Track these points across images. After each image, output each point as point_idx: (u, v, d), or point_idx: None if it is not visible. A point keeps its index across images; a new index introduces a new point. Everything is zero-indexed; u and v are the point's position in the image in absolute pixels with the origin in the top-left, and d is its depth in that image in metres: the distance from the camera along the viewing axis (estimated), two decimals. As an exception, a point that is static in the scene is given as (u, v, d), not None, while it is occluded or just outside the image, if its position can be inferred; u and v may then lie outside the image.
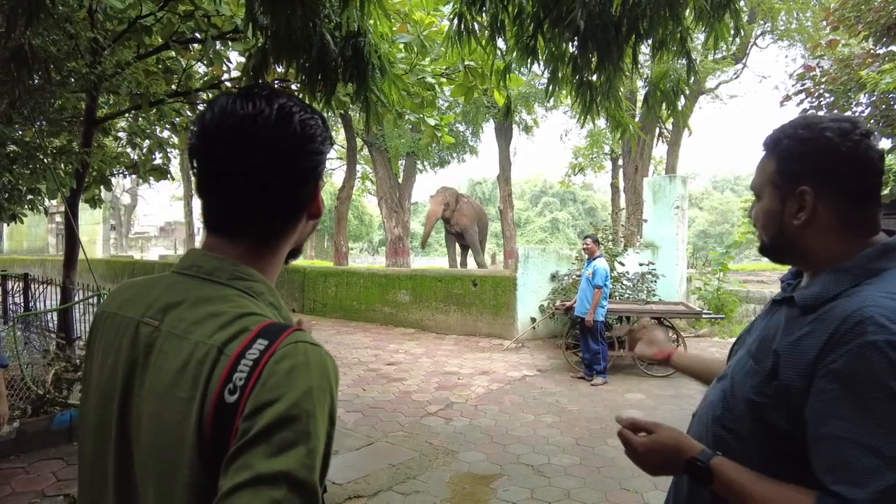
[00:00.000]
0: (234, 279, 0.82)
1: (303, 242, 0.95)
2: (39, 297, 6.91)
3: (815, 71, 7.12)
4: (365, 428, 5.10)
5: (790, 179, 1.06)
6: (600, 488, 3.91)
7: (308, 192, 0.87)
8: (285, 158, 0.82)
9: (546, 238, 46.63)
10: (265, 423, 0.65)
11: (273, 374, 0.69)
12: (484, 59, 4.39)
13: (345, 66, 3.37)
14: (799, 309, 1.03)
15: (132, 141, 6.80)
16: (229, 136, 0.80)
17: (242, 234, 0.85)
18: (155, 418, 0.73)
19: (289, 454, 0.64)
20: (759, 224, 1.14)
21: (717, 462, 1.01)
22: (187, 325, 0.77)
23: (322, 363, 0.73)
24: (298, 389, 0.68)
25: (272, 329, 0.74)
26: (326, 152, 0.88)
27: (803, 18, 17.12)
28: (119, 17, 5.09)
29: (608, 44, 3.24)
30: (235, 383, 0.69)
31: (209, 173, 0.83)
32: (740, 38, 2.95)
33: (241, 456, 0.65)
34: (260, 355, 0.70)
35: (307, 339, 0.74)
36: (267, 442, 0.64)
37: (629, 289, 9.10)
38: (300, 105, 0.85)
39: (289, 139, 0.82)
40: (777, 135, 1.10)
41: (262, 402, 0.67)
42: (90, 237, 25.74)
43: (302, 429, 0.67)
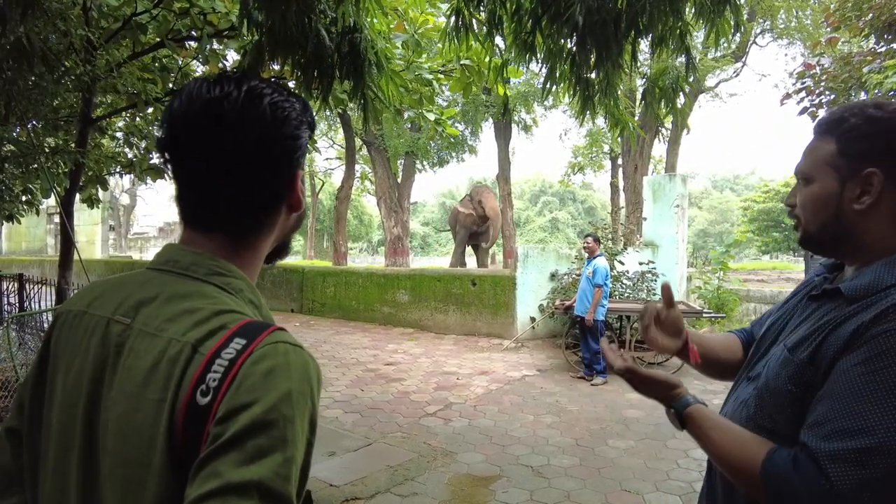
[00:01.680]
0: (212, 274, 0.77)
1: (287, 238, 0.89)
2: (34, 297, 6.86)
3: (815, 69, 7.08)
4: (363, 429, 5.06)
5: (855, 160, 0.98)
6: (600, 490, 3.86)
7: (283, 182, 0.81)
8: (254, 144, 0.76)
9: (546, 237, 46.62)
10: (238, 427, 0.60)
11: (249, 375, 0.64)
12: (481, 55, 4.36)
13: (341, 63, 3.33)
14: (845, 300, 0.98)
15: (129, 140, 6.77)
16: (194, 121, 0.75)
17: (216, 227, 0.80)
18: (123, 421, 0.68)
19: (262, 462, 0.60)
20: (806, 210, 1.05)
21: (692, 409, 1.07)
22: (161, 321, 0.72)
23: (303, 365, 0.68)
24: (277, 392, 0.63)
25: (251, 328, 0.69)
26: (304, 137, 0.81)
27: (803, 16, 17.10)
28: (114, 14, 5.05)
29: (607, 40, 3.20)
30: (209, 384, 0.64)
31: (177, 162, 0.78)
32: (740, 36, 2.91)
33: (210, 463, 0.60)
34: (236, 355, 0.65)
35: (288, 340, 0.69)
36: (239, 448, 0.60)
37: (629, 288, 9.06)
38: (274, 87, 0.79)
39: (258, 123, 0.76)
40: (840, 114, 1.02)
41: (237, 406, 0.62)
42: (89, 238, 25.68)
43: (279, 435, 0.62)
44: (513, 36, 3.46)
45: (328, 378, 6.91)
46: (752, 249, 38.61)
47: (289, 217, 0.86)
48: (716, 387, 6.54)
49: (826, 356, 0.93)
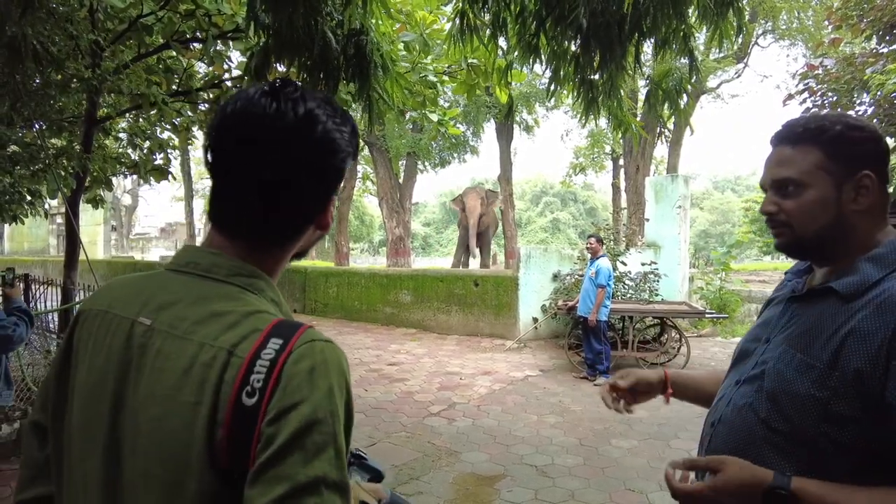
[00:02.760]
0: (234, 275, 0.79)
1: (307, 249, 0.92)
2: (40, 297, 6.89)
3: (817, 70, 7.09)
4: (367, 429, 5.08)
5: (848, 164, 1.05)
6: (605, 489, 3.88)
7: (319, 206, 0.84)
8: (301, 168, 0.78)
9: (547, 238, 46.61)
10: (293, 429, 0.65)
11: (294, 375, 0.68)
12: (486, 57, 4.38)
13: (347, 65, 3.35)
14: (839, 298, 1.03)
15: (133, 141, 6.79)
16: (246, 133, 0.77)
17: (244, 234, 0.82)
18: (156, 423, 0.70)
19: (321, 458, 0.65)
20: (802, 215, 1.08)
21: (797, 485, 0.96)
22: (189, 324, 0.73)
23: (338, 360, 0.73)
24: (320, 391, 0.68)
25: (284, 328, 0.72)
26: (347, 167, 0.84)
27: (804, 18, 17.10)
28: (119, 16, 5.07)
29: (611, 42, 3.22)
30: (253, 385, 0.68)
31: (220, 167, 0.80)
32: (742, 37, 2.93)
33: (273, 466, 0.64)
34: (276, 355, 0.69)
35: (321, 337, 0.74)
36: (300, 449, 0.65)
37: (631, 288, 9.07)
38: (332, 112, 0.80)
39: (309, 148, 0.78)
40: (818, 124, 1.08)
41: (287, 406, 0.66)
42: (91, 238, 25.73)
43: (329, 430, 0.67)
44: (517, 38, 3.49)
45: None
46: (753, 250, 38.57)
47: (314, 233, 0.88)
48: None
49: (852, 363, 0.96)
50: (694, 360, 7.49)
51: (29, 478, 0.89)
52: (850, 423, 0.96)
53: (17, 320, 2.69)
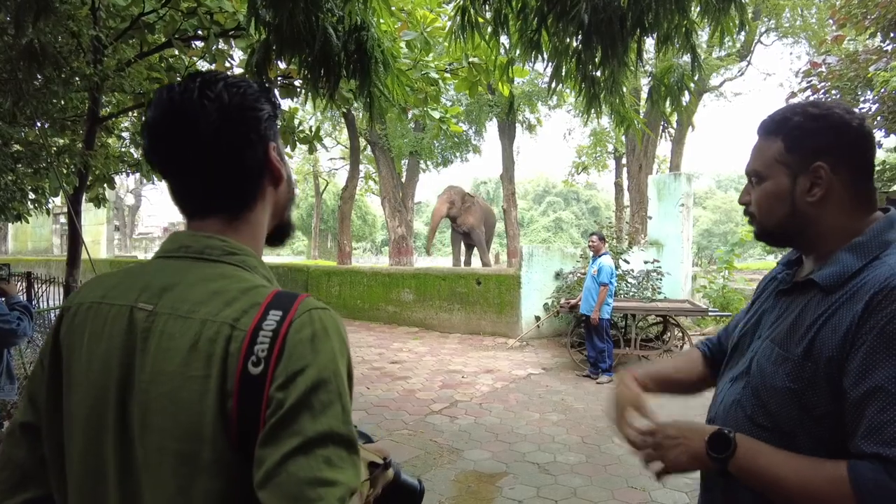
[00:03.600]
0: (227, 254, 0.83)
1: (283, 215, 0.95)
2: (43, 295, 6.90)
3: (821, 67, 7.06)
4: (369, 426, 5.08)
5: (803, 156, 1.05)
6: (607, 486, 3.87)
7: (256, 154, 0.86)
8: (217, 123, 0.81)
9: (550, 237, 46.57)
10: (302, 390, 0.70)
11: (297, 343, 0.72)
12: (488, 54, 4.37)
13: (348, 61, 3.35)
14: (820, 290, 1.02)
15: (136, 140, 6.79)
16: (165, 121, 0.82)
17: (210, 212, 0.86)
18: (168, 399, 0.73)
19: (328, 414, 0.70)
20: (762, 207, 1.11)
21: (740, 438, 1.00)
22: (191, 305, 0.77)
23: (335, 325, 0.77)
24: (324, 354, 0.73)
25: (281, 299, 0.76)
26: (265, 109, 0.86)
27: (808, 15, 17.04)
28: (121, 14, 5.08)
29: (613, 38, 3.20)
30: (258, 355, 0.72)
31: (162, 165, 0.85)
32: (745, 34, 2.92)
33: (284, 425, 0.69)
34: (278, 326, 0.73)
35: (318, 306, 0.78)
36: (308, 408, 0.69)
37: (634, 286, 9.05)
38: (227, 76, 0.86)
39: (216, 104, 0.82)
40: (783, 115, 1.09)
41: (294, 371, 0.71)
42: (94, 238, 25.80)
43: (334, 388, 0.72)
44: (518, 34, 3.48)
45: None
46: (756, 249, 38.48)
47: (276, 191, 0.91)
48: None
49: (823, 352, 0.96)
50: (697, 359, 7.46)
51: (17, 481, 0.85)
52: (825, 416, 0.96)
53: (19, 315, 2.70)
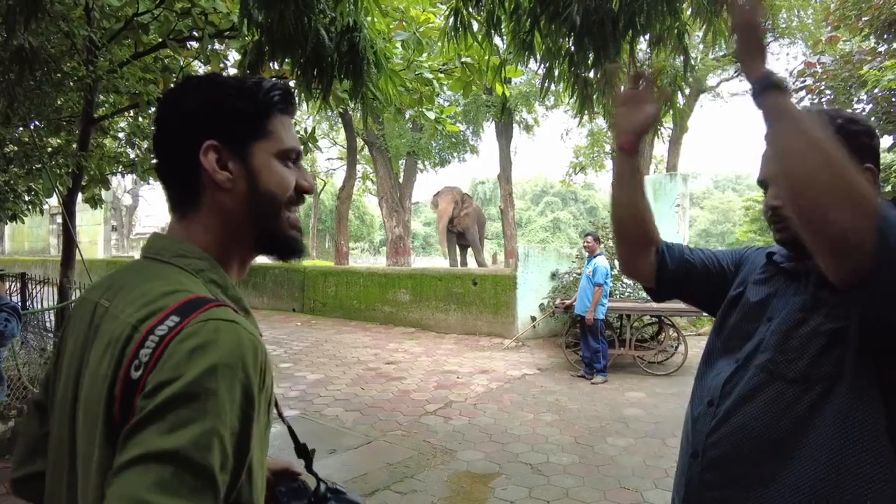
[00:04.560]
0: (176, 256, 0.81)
1: (253, 225, 0.85)
2: (37, 296, 6.89)
3: (815, 67, 7.08)
4: (363, 427, 5.08)
5: (853, 157, 1.03)
6: (599, 487, 3.88)
7: (183, 155, 0.82)
8: (160, 123, 0.85)
9: (547, 238, 46.56)
10: (160, 401, 0.63)
11: (175, 352, 0.66)
12: (481, 54, 4.37)
13: (340, 62, 3.35)
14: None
15: (131, 140, 6.79)
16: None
17: (173, 213, 0.87)
18: (85, 398, 0.74)
19: (181, 432, 0.62)
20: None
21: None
22: (123, 304, 0.76)
23: (235, 340, 0.69)
24: (199, 367, 0.65)
25: (189, 305, 0.71)
26: (213, 105, 0.83)
27: (804, 16, 17.07)
28: (116, 14, 5.07)
29: (605, 40, 3.21)
30: (141, 359, 0.68)
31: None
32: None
33: (135, 434, 0.63)
34: (167, 332, 0.68)
35: (222, 316, 0.70)
36: (160, 419, 0.62)
37: (629, 287, 9.06)
38: (216, 76, 0.87)
39: (166, 102, 0.85)
40: (821, 118, 1.08)
41: (161, 381, 0.65)
42: (91, 238, 25.73)
43: (199, 406, 0.63)
44: (511, 35, 3.48)
45: (328, 377, 6.94)
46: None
47: (225, 196, 0.83)
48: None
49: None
50: (692, 359, 7.47)
51: (27, 453, 0.92)
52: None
53: (7, 316, 2.70)
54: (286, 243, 0.89)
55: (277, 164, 0.86)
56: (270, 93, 0.85)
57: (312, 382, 6.68)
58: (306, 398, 6.01)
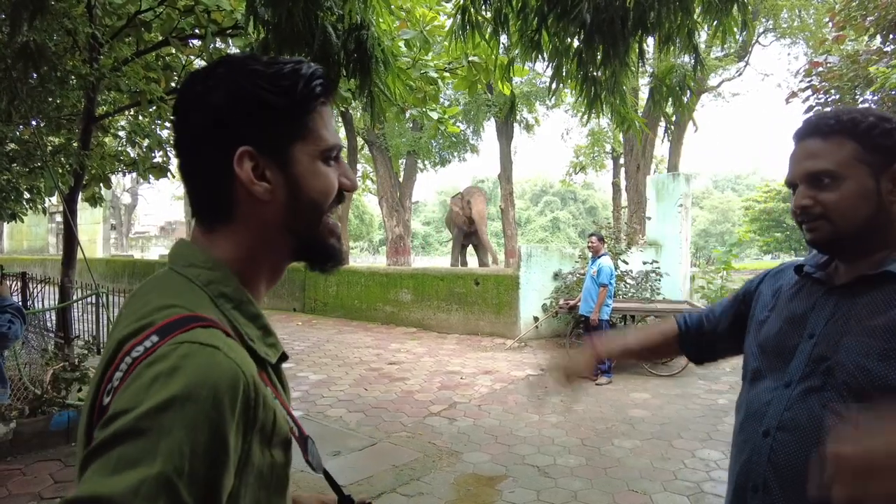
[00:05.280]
0: (188, 266, 0.72)
1: (296, 233, 0.76)
2: (38, 295, 6.85)
3: (821, 67, 7.06)
4: (367, 428, 5.04)
5: (886, 155, 1.03)
6: (608, 490, 3.84)
7: (215, 161, 0.72)
8: (185, 121, 0.74)
9: (547, 237, 46.60)
10: (107, 435, 0.54)
11: (138, 376, 0.58)
12: (488, 53, 4.34)
13: (347, 60, 3.31)
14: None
15: (132, 139, 6.76)
16: (174, 117, 0.76)
17: (197, 220, 0.77)
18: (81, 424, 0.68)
19: (122, 476, 0.51)
20: (844, 208, 1.05)
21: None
22: (122, 318, 0.70)
23: (207, 369, 0.58)
24: (156, 399, 0.55)
25: (174, 325, 0.62)
26: (243, 104, 0.71)
27: (806, 16, 17.06)
28: (118, 12, 5.04)
29: (614, 38, 3.18)
30: (113, 384, 0.60)
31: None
32: (745, 35, 2.91)
33: (86, 467, 0.54)
34: (142, 353, 0.60)
35: (201, 339, 0.61)
36: (106, 456, 0.53)
37: (633, 287, 9.04)
38: (247, 57, 0.75)
39: (191, 95, 0.73)
40: (849, 117, 1.06)
41: (118, 411, 0.56)
42: (90, 237, 25.70)
43: (147, 447, 0.53)
44: (518, 34, 3.45)
45: (331, 377, 6.90)
46: (753, 249, 38.57)
47: (261, 206, 0.73)
48: (720, 387, 6.53)
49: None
50: (696, 360, 7.45)
51: None
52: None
53: (10, 317, 2.66)
54: (324, 252, 0.80)
55: (321, 166, 0.75)
56: (311, 82, 0.73)
57: (315, 383, 6.65)
58: (309, 399, 5.97)
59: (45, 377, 4.67)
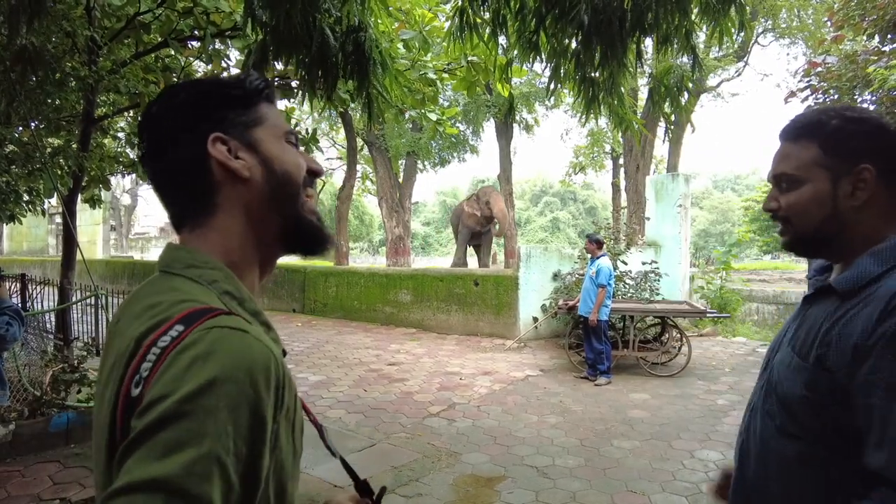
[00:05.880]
0: (188, 267, 0.75)
1: (277, 214, 0.80)
2: (37, 297, 6.85)
3: (820, 67, 7.05)
4: (366, 429, 5.05)
5: (846, 158, 1.02)
6: (607, 490, 3.85)
7: (188, 153, 0.77)
8: (149, 127, 0.80)
9: (547, 238, 46.57)
10: (149, 421, 0.56)
11: (173, 364, 0.59)
12: (486, 54, 4.35)
13: (345, 62, 3.32)
14: (838, 296, 1.01)
15: (131, 140, 6.75)
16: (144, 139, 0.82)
17: (180, 223, 0.80)
18: (95, 425, 0.70)
19: (171, 458, 0.53)
20: (799, 211, 1.07)
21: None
22: (129, 319, 0.71)
23: (242, 351, 0.61)
24: (196, 381, 0.57)
25: (196, 314, 0.65)
26: (209, 99, 0.79)
27: (804, 16, 17.07)
28: (117, 14, 5.04)
29: (612, 39, 3.19)
30: (141, 374, 0.62)
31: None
32: (743, 35, 2.91)
33: (124, 458, 0.56)
34: (170, 342, 0.62)
35: (228, 324, 0.64)
36: (150, 442, 0.55)
37: (632, 288, 9.04)
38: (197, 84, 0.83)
39: (155, 107, 0.80)
40: (816, 118, 1.07)
41: (155, 398, 0.57)
42: (90, 238, 25.69)
43: (194, 428, 0.55)
44: (517, 35, 3.45)
45: (330, 378, 6.90)
46: (753, 249, 38.54)
47: (243, 188, 0.78)
48: (719, 387, 6.53)
49: (839, 362, 0.94)
50: (695, 360, 7.46)
51: None
52: (846, 430, 0.93)
53: (9, 320, 2.66)
54: (310, 230, 0.83)
55: (285, 144, 0.83)
56: (254, 80, 0.83)
57: (314, 384, 6.65)
58: (308, 400, 5.97)
59: (45, 379, 4.68)
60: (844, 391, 0.92)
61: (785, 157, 1.09)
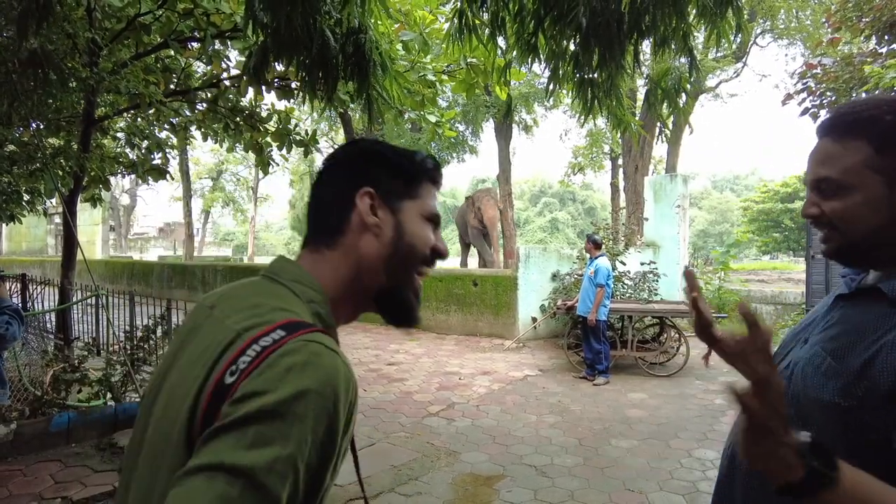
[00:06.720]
0: (294, 281, 0.83)
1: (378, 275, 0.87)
2: (37, 297, 6.87)
3: (816, 69, 7.09)
4: (366, 429, 5.07)
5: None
6: (604, 489, 3.87)
7: (340, 194, 0.88)
8: (333, 169, 0.91)
9: (545, 238, 46.62)
10: (245, 411, 0.60)
11: (273, 365, 0.65)
12: (485, 56, 4.37)
13: (346, 64, 3.34)
14: (890, 302, 0.91)
15: (131, 141, 6.77)
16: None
17: (306, 242, 0.90)
18: (169, 393, 0.74)
19: (259, 451, 0.58)
20: (852, 219, 0.94)
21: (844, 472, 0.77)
22: (229, 311, 0.77)
23: (332, 370, 0.66)
24: (293, 387, 0.62)
25: (296, 324, 0.71)
26: (377, 161, 0.90)
27: (803, 17, 17.12)
28: (117, 15, 5.06)
29: (610, 41, 3.21)
30: (238, 365, 0.66)
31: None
32: (741, 36, 2.92)
33: (213, 439, 0.60)
34: (271, 344, 0.67)
35: (325, 342, 0.69)
36: (242, 430, 0.59)
37: (631, 288, 9.07)
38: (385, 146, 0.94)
39: (339, 151, 0.93)
40: (867, 113, 0.93)
41: (252, 391, 0.62)
42: (89, 238, 25.69)
43: (283, 429, 0.60)
44: (515, 37, 3.48)
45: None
46: (751, 249, 38.62)
47: (363, 239, 0.86)
48: (717, 387, 6.56)
49: (886, 374, 0.84)
50: (693, 360, 7.48)
51: None
52: (877, 443, 0.85)
53: (9, 319, 2.69)
54: (405, 304, 0.91)
55: (424, 221, 0.90)
56: (425, 161, 0.92)
57: (314, 384, 6.66)
58: (308, 400, 5.99)
59: (45, 378, 4.70)
60: (890, 402, 0.84)
61: (828, 159, 0.96)
